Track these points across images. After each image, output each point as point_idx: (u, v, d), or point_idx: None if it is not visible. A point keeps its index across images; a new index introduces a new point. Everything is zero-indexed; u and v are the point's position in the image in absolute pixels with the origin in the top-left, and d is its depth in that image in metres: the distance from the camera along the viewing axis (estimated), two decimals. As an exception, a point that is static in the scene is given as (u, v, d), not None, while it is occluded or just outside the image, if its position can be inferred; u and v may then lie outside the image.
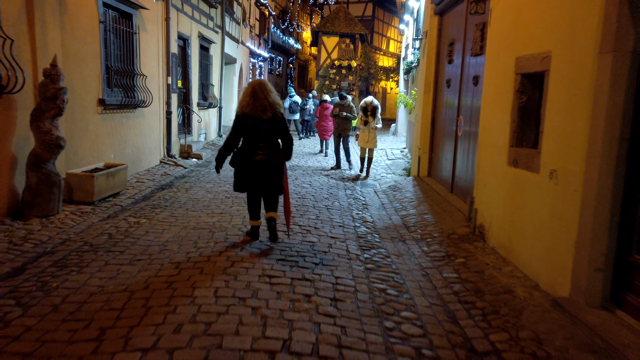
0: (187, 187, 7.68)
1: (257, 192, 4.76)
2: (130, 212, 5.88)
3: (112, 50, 7.64)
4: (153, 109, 9.32)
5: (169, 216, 5.71)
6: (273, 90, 4.67)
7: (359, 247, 4.90)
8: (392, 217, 6.52)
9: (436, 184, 8.20)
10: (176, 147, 10.80)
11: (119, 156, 7.85)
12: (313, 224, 5.64)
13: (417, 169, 9.22)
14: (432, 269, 4.43)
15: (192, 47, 11.84)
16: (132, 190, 7.17)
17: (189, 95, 11.77)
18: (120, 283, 3.57)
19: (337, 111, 10.29)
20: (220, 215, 5.79)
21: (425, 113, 9.00)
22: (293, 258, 4.32)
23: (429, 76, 8.92)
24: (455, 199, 7.03)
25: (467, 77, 6.91)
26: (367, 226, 5.87)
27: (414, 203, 7.16)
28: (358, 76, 24.09)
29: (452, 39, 7.79)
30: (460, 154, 7.06)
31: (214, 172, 9.24)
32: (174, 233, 4.97)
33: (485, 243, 5.10)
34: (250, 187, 4.70)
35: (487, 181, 5.25)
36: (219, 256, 4.22)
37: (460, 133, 7.07)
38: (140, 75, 8.47)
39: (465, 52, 7.11)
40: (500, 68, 5.00)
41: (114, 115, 7.73)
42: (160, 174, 8.79)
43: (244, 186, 4.70)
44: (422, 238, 5.47)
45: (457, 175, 7.25)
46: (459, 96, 7.25)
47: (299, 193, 7.58)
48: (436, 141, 8.71)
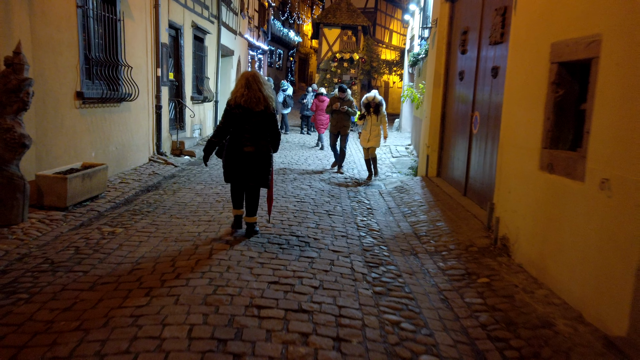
0: (175, 189, 7.01)
1: (242, 183, 4.79)
2: (106, 220, 5.22)
3: (92, 38, 6.95)
4: (141, 103, 8.63)
5: (149, 224, 5.04)
6: (266, 82, 4.69)
7: (366, 264, 4.23)
8: (400, 224, 5.85)
9: (447, 186, 7.53)
10: (167, 143, 10.12)
11: (100, 155, 7.18)
12: (312, 234, 4.97)
13: (426, 168, 8.54)
14: (452, 292, 3.77)
15: (185, 38, 11.14)
16: (113, 192, 6.50)
17: (181, 89, 11.08)
18: (74, 317, 2.91)
19: (338, 106, 9.17)
20: (207, 224, 5.12)
21: (435, 108, 8.32)
22: (288, 280, 3.65)
23: (438, 68, 8.23)
24: (469, 203, 6.36)
25: (484, 69, 6.22)
26: (373, 236, 5.20)
27: (424, 208, 6.49)
28: (360, 70, 23.34)
29: (466, 27, 7.09)
30: (476, 153, 6.39)
31: (206, 172, 8.58)
32: (151, 247, 4.30)
33: (510, 258, 4.43)
34: (236, 178, 4.74)
35: (511, 187, 4.57)
36: (201, 279, 3.56)
37: (476, 130, 6.39)
38: (125, 66, 7.78)
39: (481, 41, 6.41)
40: (529, 57, 4.32)
41: (94, 109, 7.05)
42: (148, 173, 8.12)
43: (232, 177, 4.74)
44: (437, 251, 4.81)
45: (471, 176, 6.57)
46: (474, 90, 6.57)
47: (297, 196, 6.91)
48: (447, 139, 8.03)
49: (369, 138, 8.66)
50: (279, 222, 5.32)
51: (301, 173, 8.94)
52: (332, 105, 9.21)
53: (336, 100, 9.28)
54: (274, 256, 4.18)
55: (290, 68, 35.43)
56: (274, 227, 5.14)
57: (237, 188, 4.84)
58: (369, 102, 8.65)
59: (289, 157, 10.85)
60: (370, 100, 8.64)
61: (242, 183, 4.78)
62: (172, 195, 6.60)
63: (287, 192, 7.12)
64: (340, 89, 9.37)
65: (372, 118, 8.61)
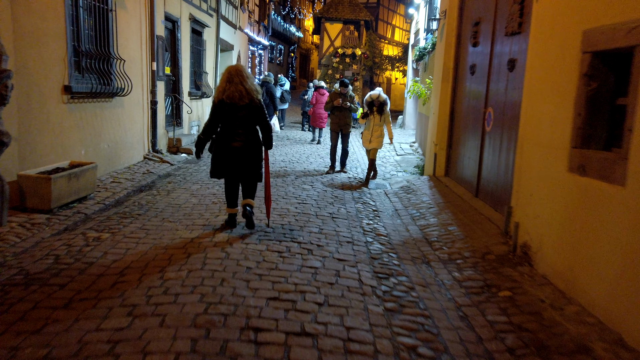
0: (169, 189, 6.63)
1: (235, 178, 4.78)
2: (93, 223, 4.83)
3: (82, 29, 6.55)
4: (135, 98, 8.24)
5: (139, 229, 4.65)
6: (250, 76, 4.67)
7: (374, 275, 3.84)
8: (409, 228, 5.47)
9: (456, 186, 7.14)
10: (163, 140, 9.73)
11: (91, 153, 6.80)
12: (316, 240, 4.58)
13: (433, 167, 8.14)
14: (472, 308, 3.38)
15: (182, 31, 10.73)
16: (103, 193, 6.11)
17: (178, 84, 10.68)
18: (43, 343, 2.53)
19: (340, 102, 8.42)
20: (202, 229, 4.73)
21: (443, 104, 7.92)
22: (289, 296, 3.26)
23: (447, 62, 7.82)
24: (482, 205, 5.96)
25: (498, 62, 5.81)
26: (381, 241, 4.82)
27: (434, 210, 6.10)
28: (362, 65, 22.90)
29: (478, 18, 6.69)
30: (489, 152, 5.99)
31: (203, 170, 8.19)
32: (139, 255, 3.91)
33: (532, 268, 4.04)
34: (228, 174, 4.73)
35: (533, 190, 4.18)
36: (191, 294, 3.17)
37: (489, 128, 5.99)
38: (117, 60, 7.38)
39: (496, 32, 6.01)
40: (555, 46, 3.92)
41: (84, 105, 6.65)
42: (142, 172, 7.73)
43: (221, 172, 4.73)
44: (451, 258, 4.42)
45: (483, 177, 6.18)
46: (487, 84, 6.16)
47: (299, 197, 6.51)
48: (456, 136, 7.64)
49: (371, 139, 8.04)
50: (279, 227, 4.94)
51: (302, 172, 8.55)
52: (334, 102, 8.49)
53: (337, 96, 8.60)
54: (274, 266, 3.79)
55: (291, 64, 35.00)
56: (274, 232, 4.75)
57: (231, 185, 4.84)
58: (373, 101, 8.01)
59: (289, 155, 10.45)
60: (375, 99, 8.01)
61: (234, 178, 4.79)
62: (165, 196, 6.21)
63: (288, 192, 6.73)
64: (342, 83, 8.67)
65: (375, 117, 7.99)
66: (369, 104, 8.01)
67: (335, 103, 8.47)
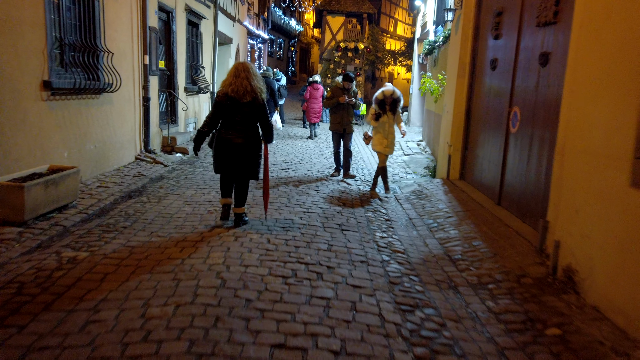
0: (161, 195, 6.03)
1: (232, 174, 4.79)
2: (71, 239, 4.24)
3: (64, 18, 5.93)
4: (125, 95, 7.63)
5: (122, 246, 4.06)
6: (257, 74, 4.67)
7: (397, 307, 3.26)
8: (427, 242, 4.88)
9: (474, 192, 6.55)
10: (157, 139, 9.12)
11: (75, 154, 6.19)
12: (325, 260, 3.99)
13: (447, 170, 7.55)
14: (517, 352, 2.80)
15: (177, 22, 10.09)
16: (87, 200, 5.52)
17: (173, 79, 10.05)
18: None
19: (345, 99, 7.51)
20: (194, 246, 4.14)
21: (459, 102, 7.31)
22: (298, 341, 2.68)
23: (464, 57, 7.21)
24: (506, 215, 5.38)
25: (527, 56, 5.21)
26: (398, 260, 4.23)
27: (453, 220, 5.51)
28: (365, 60, 22.25)
29: (501, 8, 6.08)
30: (514, 156, 5.40)
31: (199, 172, 7.60)
32: (119, 283, 3.32)
33: (579, 297, 3.46)
34: (225, 169, 4.75)
35: (580, 205, 3.59)
36: (177, 341, 2.58)
37: (515, 129, 5.40)
38: (105, 52, 6.77)
39: (523, 23, 5.40)
40: (612, 38, 3.32)
41: (68, 102, 6.04)
42: (133, 174, 7.13)
43: (221, 168, 4.75)
44: (481, 282, 3.83)
45: (507, 183, 5.59)
46: (512, 81, 5.56)
47: (303, 204, 5.92)
48: (472, 137, 7.04)
49: (388, 143, 7.00)
50: (283, 243, 4.35)
51: (306, 175, 7.95)
52: (338, 98, 7.55)
53: (341, 92, 7.65)
54: (278, 297, 3.20)
55: (291, 58, 34.30)
56: (277, 249, 4.16)
57: (227, 179, 4.86)
58: (385, 99, 6.90)
59: (291, 155, 9.85)
60: (388, 96, 6.90)
61: (231, 174, 4.79)
62: (156, 203, 5.61)
63: (291, 199, 6.14)
64: (347, 77, 7.66)
65: (389, 117, 6.98)
66: (380, 102, 6.95)
67: (341, 100, 7.54)
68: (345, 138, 7.81)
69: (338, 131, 7.78)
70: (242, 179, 4.79)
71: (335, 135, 7.89)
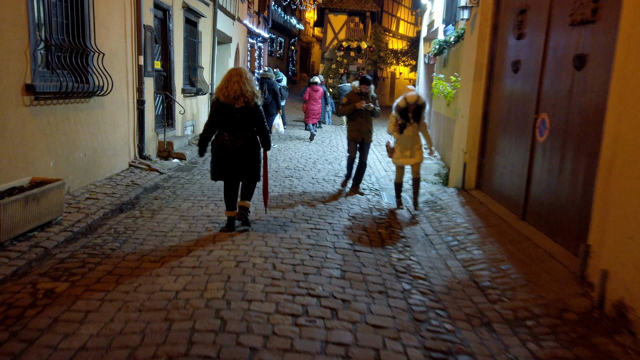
0: (155, 208, 5.55)
1: (234, 180, 4.81)
2: (51, 264, 3.76)
3: (49, 16, 5.44)
4: (118, 98, 7.14)
5: (108, 274, 3.58)
6: (251, 79, 4.69)
7: (427, 354, 2.78)
8: (449, 264, 4.41)
9: (493, 204, 6.07)
10: (152, 144, 8.63)
11: (62, 164, 5.71)
12: (339, 291, 3.51)
13: (462, 178, 7.08)
14: (577, 417, 2.32)
15: (174, 20, 9.60)
16: (74, 215, 5.03)
17: (170, 80, 9.56)
18: None
19: (363, 104, 6.75)
20: (190, 273, 3.65)
21: (475, 106, 6.84)
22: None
23: (480, 58, 6.74)
24: (533, 232, 4.90)
25: (557, 58, 4.74)
26: (420, 288, 3.75)
27: (475, 237, 5.04)
28: (368, 59, 21.75)
29: (524, 5, 5.60)
30: (542, 167, 4.93)
31: (197, 181, 7.12)
32: (101, 324, 2.84)
33: (635, 338, 2.99)
34: (227, 176, 4.74)
35: (634, 231, 3.11)
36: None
37: (543, 138, 4.92)
38: (95, 53, 6.28)
39: (552, 21, 4.93)
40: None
41: (54, 107, 5.56)
42: (126, 184, 6.65)
43: (221, 174, 4.74)
44: (517, 317, 3.36)
45: (533, 196, 5.12)
46: (539, 85, 5.09)
47: (310, 219, 5.44)
48: (490, 144, 6.57)
49: (412, 153, 6.24)
50: (290, 269, 3.86)
51: (311, 184, 7.47)
52: (355, 104, 6.79)
53: (357, 97, 6.87)
54: (288, 344, 2.72)
55: (291, 57, 33.81)
56: (284, 277, 3.68)
57: (230, 188, 4.84)
58: (408, 106, 6.04)
59: (294, 161, 9.36)
60: (411, 103, 6.03)
61: (233, 180, 4.80)
62: (149, 218, 5.13)
63: (297, 213, 5.66)
64: (364, 80, 6.88)
65: (412, 126, 6.13)
66: (403, 110, 6.07)
67: (358, 106, 6.76)
68: (363, 148, 7.07)
69: (356, 139, 7.01)
70: (246, 182, 4.87)
71: (352, 144, 7.08)
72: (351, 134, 7.03)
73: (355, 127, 6.96)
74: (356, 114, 6.88)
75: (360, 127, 6.92)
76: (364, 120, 6.91)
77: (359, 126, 6.92)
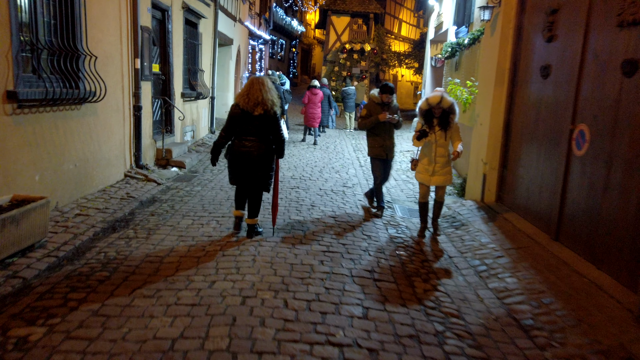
0: (151, 227, 5.05)
1: (245, 186, 4.86)
2: (28, 302, 3.25)
3: (35, 16, 4.95)
4: (113, 104, 6.64)
5: (94, 315, 3.07)
6: (272, 87, 4.72)
7: None
8: (481, 294, 3.91)
9: (519, 220, 5.57)
10: (150, 152, 8.13)
11: (50, 177, 5.21)
12: (363, 337, 2.99)
13: (481, 191, 6.59)
14: None
15: (173, 21, 9.11)
16: (61, 235, 4.53)
17: (169, 84, 9.07)
18: None
19: (386, 116, 5.88)
20: (189, 313, 3.14)
21: (496, 113, 6.35)
22: None
23: (502, 61, 6.25)
24: (571, 256, 4.40)
25: (600, 63, 4.25)
26: (455, 329, 3.25)
27: (504, 261, 4.54)
28: (371, 62, 21.27)
29: (557, 5, 5.11)
30: (581, 184, 4.43)
31: (197, 192, 6.63)
32: (81, 389, 2.34)
33: None
34: (239, 181, 4.82)
35: None
36: None
37: (582, 152, 4.43)
38: (88, 56, 5.78)
39: (591, 22, 4.44)
40: None
41: (40, 115, 5.06)
42: (120, 196, 6.15)
43: (236, 179, 4.80)
44: (573, 369, 2.86)
45: (569, 215, 4.62)
46: (576, 93, 4.60)
47: (322, 239, 4.94)
48: (513, 154, 6.07)
49: (434, 169, 5.30)
50: (304, 306, 3.35)
51: (319, 195, 6.97)
52: (378, 116, 5.92)
53: (379, 107, 6.01)
54: None
55: (292, 60, 33.32)
56: (298, 318, 3.17)
57: (241, 190, 4.93)
58: (432, 108, 5.16)
59: (299, 169, 8.87)
60: (434, 105, 5.13)
61: (244, 186, 4.86)
62: (144, 239, 4.63)
63: (307, 231, 5.17)
64: (385, 88, 5.96)
65: (437, 135, 5.25)
66: (426, 114, 5.24)
67: (382, 118, 5.89)
68: (386, 166, 6.24)
69: (380, 157, 6.12)
70: (254, 190, 4.86)
71: (376, 163, 6.19)
72: (374, 151, 6.13)
73: (378, 142, 6.08)
74: (378, 127, 6.02)
75: (383, 141, 6.06)
76: (387, 133, 6.07)
77: (382, 141, 6.06)
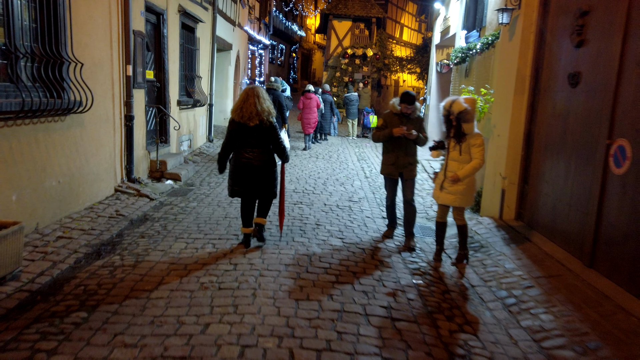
0: (140, 251, 4.56)
1: (250, 197, 4.84)
2: (-11, 352, 2.76)
3: (12, 18, 4.47)
4: (101, 114, 6.16)
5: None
6: (267, 98, 4.74)
7: None
8: (513, 335, 3.42)
9: (545, 242, 5.08)
10: (143, 164, 7.64)
11: (29, 196, 4.72)
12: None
13: (500, 207, 6.10)
14: None
15: (169, 26, 8.65)
16: (37, 263, 4.04)
17: (164, 91, 8.59)
18: None
19: (404, 130, 4.99)
20: (179, 368, 2.66)
21: (515, 124, 5.88)
22: None
23: (522, 68, 5.79)
24: (610, 287, 3.91)
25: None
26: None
27: (535, 293, 4.04)
28: (374, 67, 20.84)
29: (587, 6, 4.65)
30: (622, 206, 3.95)
31: (193, 209, 6.15)
32: None
33: None
34: (243, 193, 4.80)
35: None
36: None
37: (622, 170, 3.95)
38: (73, 63, 5.30)
39: (632, 25, 3.98)
40: None
41: (17, 129, 4.57)
42: (109, 214, 5.66)
43: (238, 192, 4.80)
44: None
45: (606, 239, 4.13)
46: (614, 103, 4.13)
47: (330, 266, 4.45)
48: (535, 169, 5.59)
49: (442, 185, 4.72)
50: (313, 358, 2.86)
51: (324, 211, 6.48)
52: (393, 130, 5.07)
53: (397, 119, 5.16)
54: None
55: (292, 65, 32.93)
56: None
57: (247, 205, 4.89)
58: (448, 114, 4.60)
59: (302, 182, 8.38)
60: (451, 111, 4.57)
61: (250, 197, 4.85)
62: (131, 268, 4.13)
63: (312, 256, 4.67)
64: (406, 97, 5.10)
65: (451, 147, 4.72)
66: (445, 120, 4.67)
67: (396, 133, 5.04)
68: (404, 186, 5.32)
69: (392, 176, 5.36)
70: (262, 199, 4.89)
71: (388, 182, 5.47)
72: (385, 168, 5.36)
73: (390, 159, 5.26)
74: (392, 141, 5.20)
75: (396, 159, 5.21)
76: (403, 150, 5.19)
77: (395, 158, 5.22)
